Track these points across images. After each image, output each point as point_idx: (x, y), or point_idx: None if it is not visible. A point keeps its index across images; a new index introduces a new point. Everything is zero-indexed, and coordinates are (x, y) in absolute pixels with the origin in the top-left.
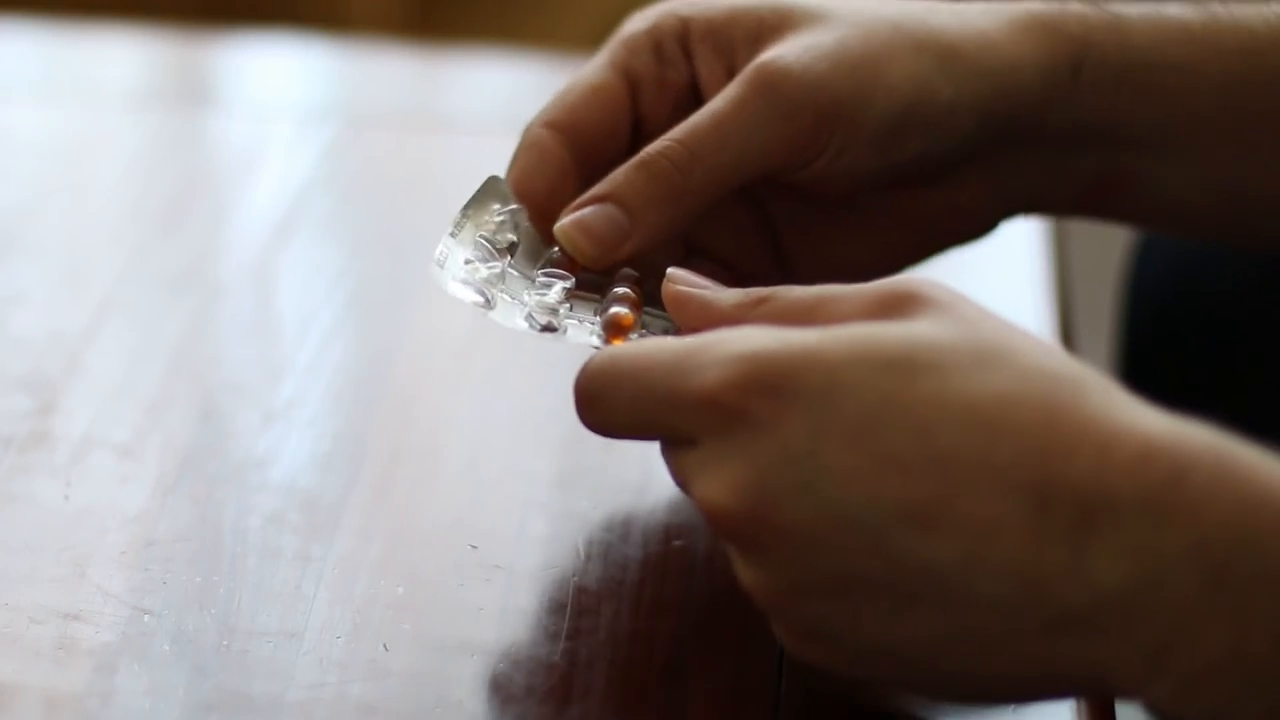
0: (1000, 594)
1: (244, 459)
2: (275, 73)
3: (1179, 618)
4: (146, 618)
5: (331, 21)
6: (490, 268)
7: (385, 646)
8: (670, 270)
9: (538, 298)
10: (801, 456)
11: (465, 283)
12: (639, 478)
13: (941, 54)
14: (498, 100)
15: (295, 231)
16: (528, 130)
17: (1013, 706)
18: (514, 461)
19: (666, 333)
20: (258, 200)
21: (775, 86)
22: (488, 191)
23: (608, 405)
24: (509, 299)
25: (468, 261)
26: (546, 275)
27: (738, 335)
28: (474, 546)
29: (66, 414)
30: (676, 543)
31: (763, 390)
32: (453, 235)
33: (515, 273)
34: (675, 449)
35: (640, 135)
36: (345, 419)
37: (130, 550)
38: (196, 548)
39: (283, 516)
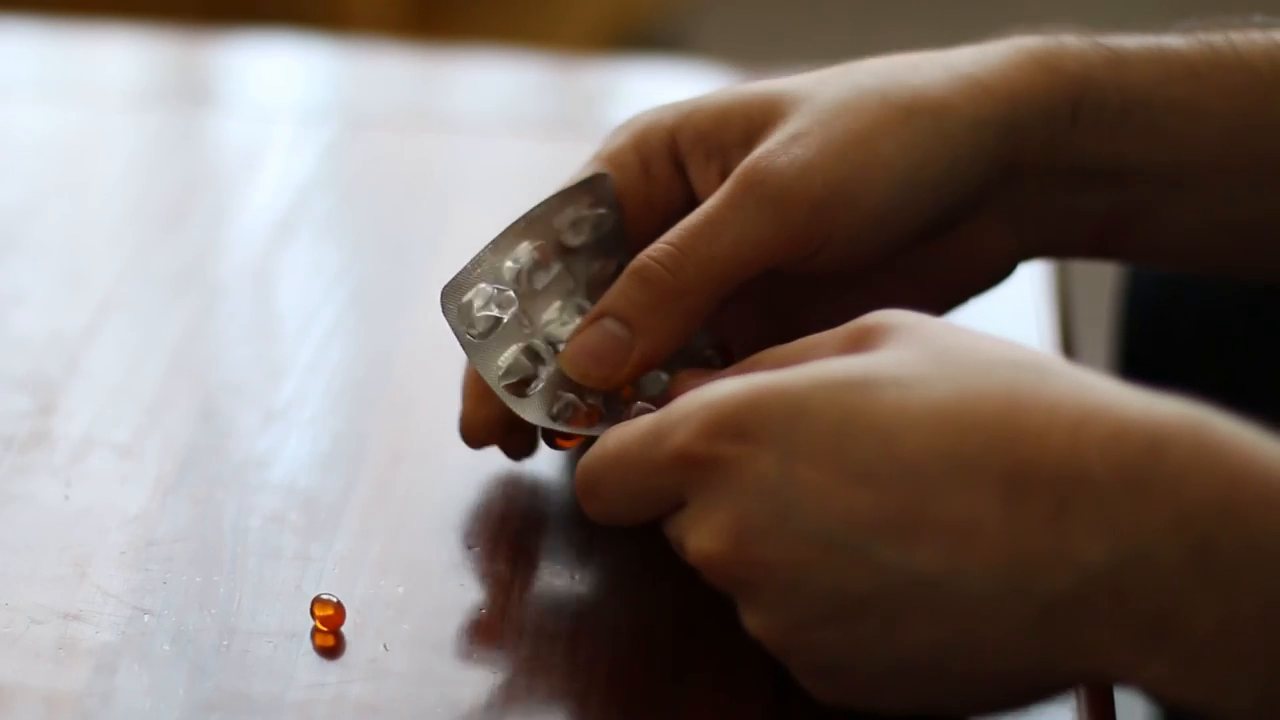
0: (990, 591)
1: (244, 459)
2: (275, 73)
3: (1168, 594)
4: (146, 618)
5: (331, 21)
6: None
7: (385, 646)
8: (679, 373)
9: (551, 330)
10: (774, 488)
11: (484, 297)
12: None
13: (935, 112)
14: (498, 100)
15: (295, 231)
16: None
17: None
18: (514, 462)
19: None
20: (258, 200)
21: (762, 183)
22: (587, 188)
23: (604, 493)
24: (520, 323)
25: (513, 258)
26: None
27: (701, 389)
28: (473, 547)
29: (66, 414)
30: None
31: (729, 433)
32: (517, 228)
33: (564, 275)
34: (670, 518)
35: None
36: (345, 419)
37: (130, 550)
38: (196, 548)
39: (283, 516)
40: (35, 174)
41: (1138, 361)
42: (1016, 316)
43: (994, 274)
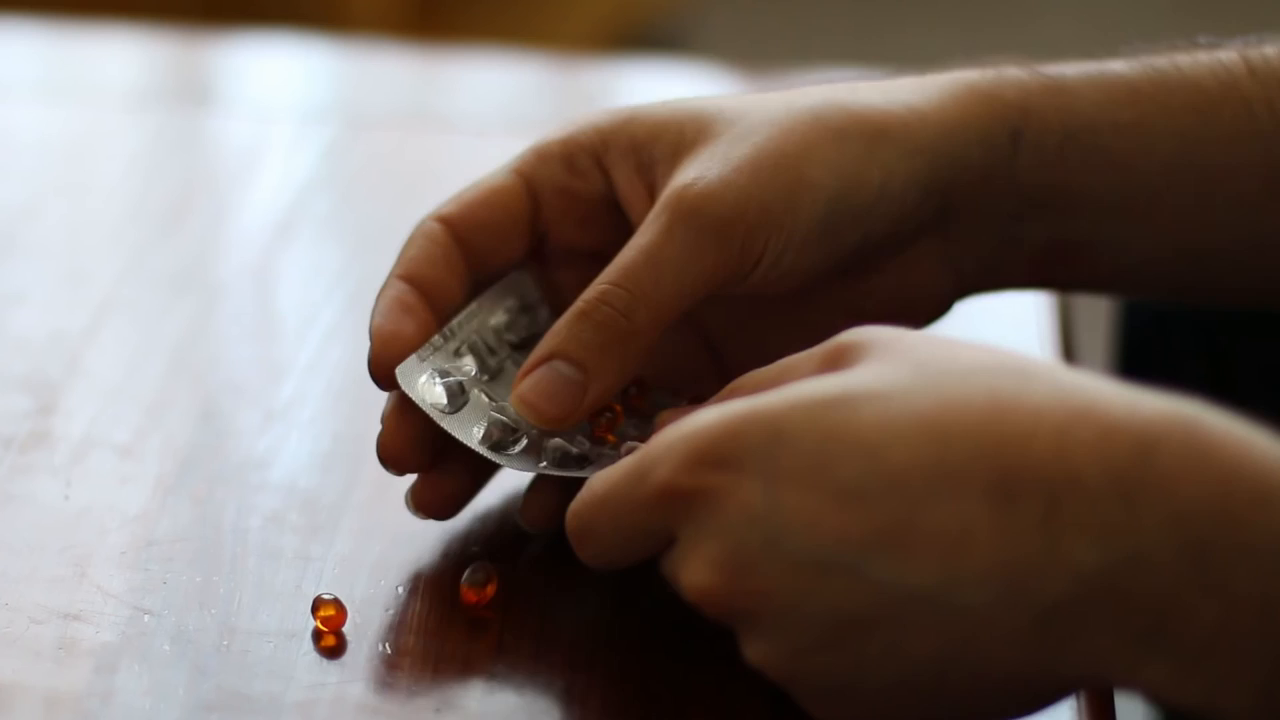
0: (985, 599)
1: (244, 459)
2: (275, 73)
3: (1164, 596)
4: (146, 618)
5: (331, 21)
6: (479, 363)
7: (385, 646)
8: (660, 415)
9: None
10: (762, 515)
11: (443, 374)
12: None
13: (867, 137)
14: (498, 100)
15: (295, 231)
16: (421, 222)
17: None
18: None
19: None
20: (258, 200)
21: (698, 211)
22: (509, 288)
23: (595, 536)
24: (486, 398)
25: (458, 353)
26: None
27: (680, 422)
28: (474, 547)
29: (66, 414)
30: None
31: (711, 463)
32: (458, 324)
33: (512, 368)
34: (664, 557)
35: (545, 246)
36: (345, 419)
37: (130, 550)
38: (196, 548)
39: (283, 516)
40: (35, 174)
41: (1137, 364)
42: (1017, 321)
43: (929, 311)
